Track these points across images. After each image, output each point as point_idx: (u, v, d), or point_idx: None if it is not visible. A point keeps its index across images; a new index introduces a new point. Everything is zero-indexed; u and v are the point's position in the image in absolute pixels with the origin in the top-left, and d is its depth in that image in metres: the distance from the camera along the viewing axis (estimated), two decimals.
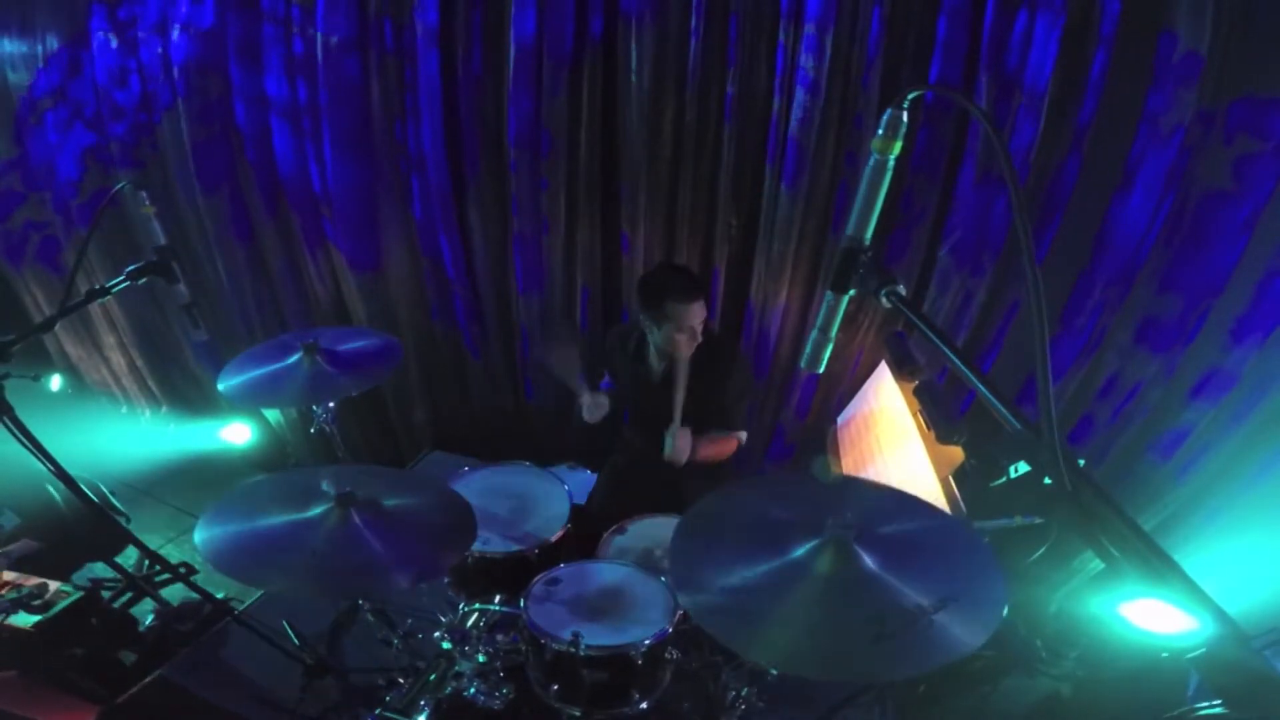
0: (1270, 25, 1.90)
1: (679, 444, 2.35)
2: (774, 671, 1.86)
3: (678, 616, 1.81)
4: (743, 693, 1.92)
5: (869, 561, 1.30)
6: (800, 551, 1.33)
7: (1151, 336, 2.29)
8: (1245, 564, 2.14)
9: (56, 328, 1.85)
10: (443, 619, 2.00)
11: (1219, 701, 1.91)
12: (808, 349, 1.24)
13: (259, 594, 2.57)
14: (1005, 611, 1.25)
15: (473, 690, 1.93)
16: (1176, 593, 0.69)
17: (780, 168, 2.58)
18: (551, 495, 2.26)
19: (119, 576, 2.68)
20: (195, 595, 2.35)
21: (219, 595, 2.49)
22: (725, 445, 2.52)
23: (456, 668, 1.93)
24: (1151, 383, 2.34)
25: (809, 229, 2.64)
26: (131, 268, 1.85)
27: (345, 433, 2.43)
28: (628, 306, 3.09)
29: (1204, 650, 0.68)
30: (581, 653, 1.71)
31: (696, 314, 2.32)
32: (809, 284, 2.76)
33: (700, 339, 2.37)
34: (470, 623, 1.98)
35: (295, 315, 3.52)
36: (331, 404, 2.29)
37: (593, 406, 2.52)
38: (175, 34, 2.98)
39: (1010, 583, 1.31)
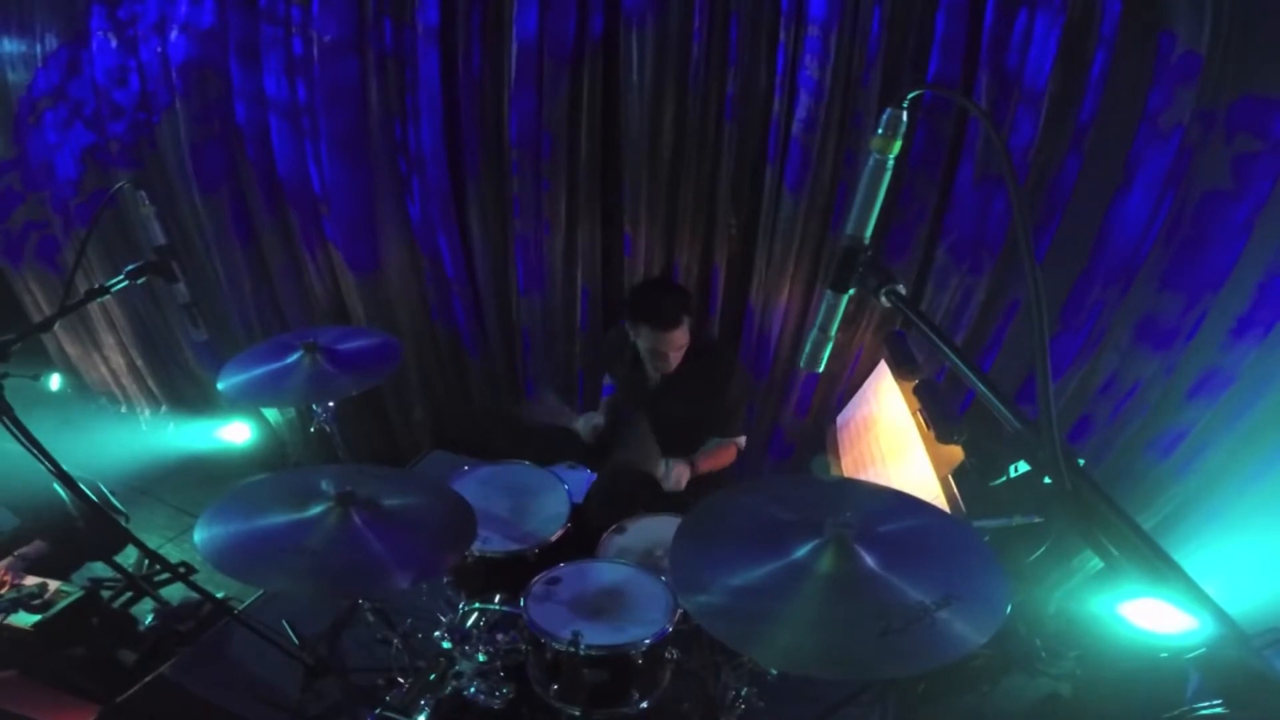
0: (1270, 25, 1.90)
1: (674, 476, 2.37)
2: (773, 671, 1.86)
3: (678, 616, 1.81)
4: (742, 692, 1.92)
5: (870, 560, 1.31)
6: (801, 551, 1.33)
7: (1151, 335, 2.29)
8: (1245, 563, 2.14)
9: (56, 327, 1.85)
10: (443, 618, 2.00)
11: (1219, 701, 1.91)
12: (807, 348, 1.23)
13: (259, 594, 2.57)
14: (1008, 609, 1.25)
15: (473, 690, 1.93)
16: (1176, 592, 0.69)
17: (782, 168, 2.58)
18: (551, 495, 2.26)
19: (119, 576, 2.68)
20: (195, 595, 2.35)
21: (219, 595, 2.49)
22: (724, 455, 2.52)
23: (457, 667, 1.93)
24: (1151, 381, 2.34)
25: (810, 229, 2.64)
26: (131, 267, 1.85)
27: (345, 433, 2.43)
28: None
29: (1203, 650, 0.68)
30: (582, 652, 1.71)
31: (672, 341, 2.33)
32: (809, 283, 2.76)
33: (672, 364, 2.39)
34: (470, 622, 1.98)
35: (295, 315, 3.52)
36: (331, 404, 2.29)
37: (588, 429, 2.64)
38: (174, 34, 2.97)
39: (1012, 581, 1.31)
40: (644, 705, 1.84)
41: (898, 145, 1.07)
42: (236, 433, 3.71)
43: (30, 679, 2.24)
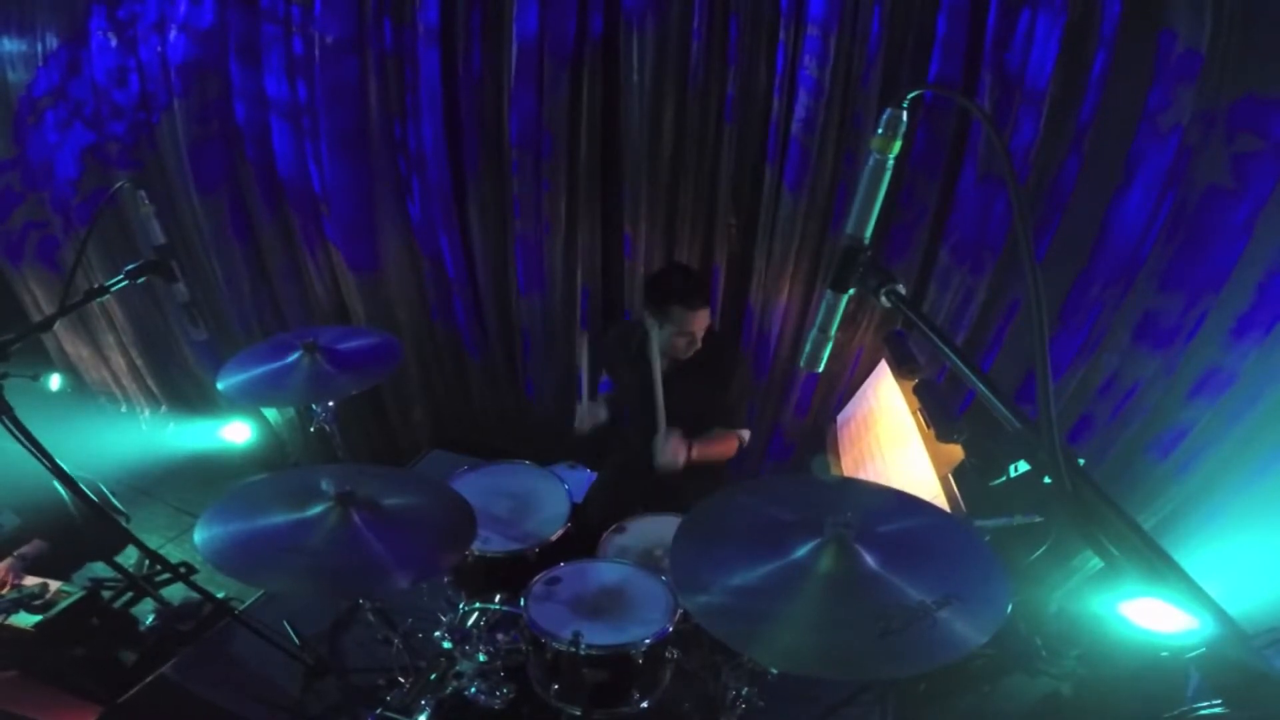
0: (1270, 25, 1.90)
1: (670, 449, 2.33)
2: (774, 671, 1.86)
3: (678, 616, 1.81)
4: (743, 692, 1.92)
5: (870, 560, 1.31)
6: (801, 551, 1.33)
7: (1151, 335, 2.29)
8: (1245, 563, 2.14)
9: (56, 327, 1.85)
10: (443, 618, 2.01)
11: (1219, 701, 1.91)
12: (807, 348, 1.23)
13: (259, 594, 2.57)
14: (1009, 609, 1.25)
15: (473, 690, 1.93)
16: (1176, 592, 0.69)
17: (782, 168, 2.58)
18: (551, 495, 2.26)
19: (119, 576, 2.68)
20: (196, 595, 2.35)
21: (219, 595, 2.49)
22: (726, 444, 2.52)
23: (457, 667, 1.93)
24: (1151, 381, 2.34)
25: (810, 229, 2.64)
26: (130, 266, 1.85)
27: (345, 432, 2.43)
28: (629, 306, 3.09)
29: (1204, 649, 0.68)
30: (582, 652, 1.71)
31: (700, 320, 2.32)
32: (809, 283, 2.76)
33: (699, 343, 2.38)
34: (471, 622, 1.98)
35: (295, 315, 3.51)
36: (331, 403, 2.29)
37: (583, 416, 2.53)
38: (174, 34, 2.97)
39: (1012, 580, 1.31)
40: (644, 705, 1.84)
41: (898, 145, 1.06)
42: (236, 433, 3.71)
43: (31, 679, 2.24)
